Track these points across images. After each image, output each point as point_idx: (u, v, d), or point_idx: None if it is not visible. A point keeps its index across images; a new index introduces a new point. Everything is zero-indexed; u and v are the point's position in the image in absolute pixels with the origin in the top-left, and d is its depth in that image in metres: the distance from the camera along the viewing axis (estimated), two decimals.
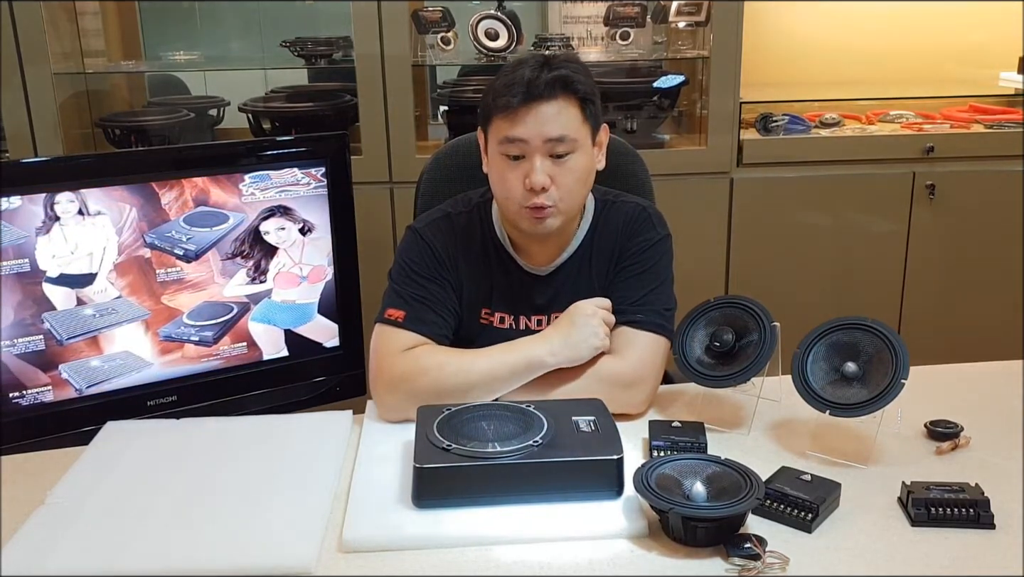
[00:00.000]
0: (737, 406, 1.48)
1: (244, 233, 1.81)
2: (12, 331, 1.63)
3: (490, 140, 1.45)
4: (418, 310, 1.48)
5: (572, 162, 1.42)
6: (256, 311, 1.85)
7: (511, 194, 1.43)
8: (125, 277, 1.71)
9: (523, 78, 1.38)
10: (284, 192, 1.84)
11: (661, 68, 2.82)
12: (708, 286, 2.64)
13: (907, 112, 2.95)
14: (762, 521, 1.15)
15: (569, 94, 1.40)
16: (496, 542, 1.13)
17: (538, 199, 1.41)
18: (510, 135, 1.40)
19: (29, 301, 1.63)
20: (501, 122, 1.40)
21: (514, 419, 1.28)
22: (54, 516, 1.19)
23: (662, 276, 1.52)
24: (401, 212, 2.54)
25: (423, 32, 2.61)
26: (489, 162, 1.47)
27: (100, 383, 1.71)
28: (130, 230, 1.71)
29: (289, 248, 1.86)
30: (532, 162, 1.40)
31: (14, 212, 1.61)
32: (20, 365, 1.64)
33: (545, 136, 1.39)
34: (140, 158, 2.08)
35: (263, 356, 1.87)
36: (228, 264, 1.80)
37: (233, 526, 1.16)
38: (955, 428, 1.37)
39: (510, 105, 1.38)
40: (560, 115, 1.39)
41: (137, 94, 3.01)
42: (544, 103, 1.38)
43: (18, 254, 1.62)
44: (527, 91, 1.37)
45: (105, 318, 1.70)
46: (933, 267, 2.75)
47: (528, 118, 1.38)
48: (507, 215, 1.49)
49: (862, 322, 1.34)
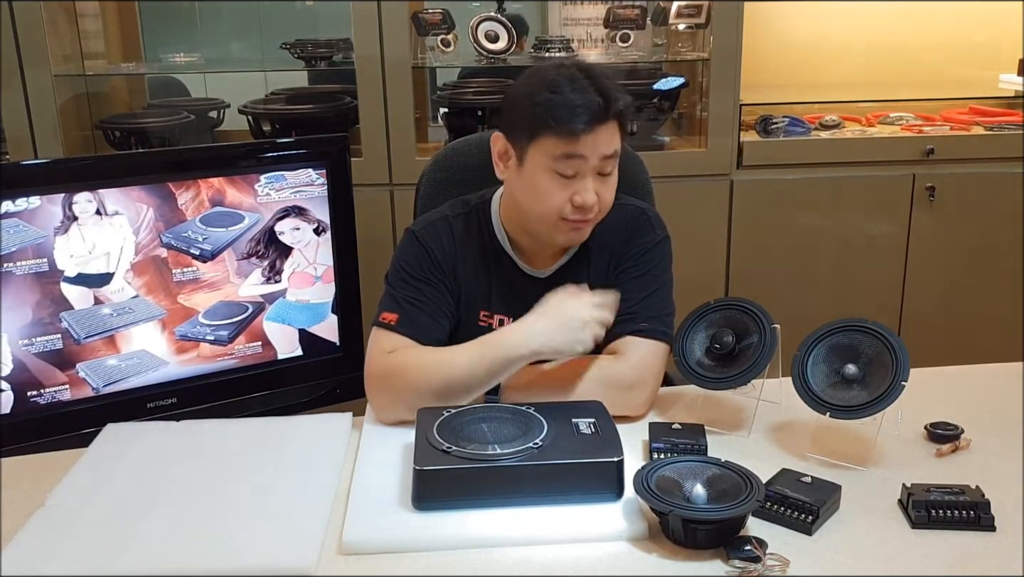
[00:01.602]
0: (737, 408, 1.48)
1: (259, 233, 1.82)
2: (30, 330, 1.64)
3: (534, 153, 1.42)
4: (411, 313, 1.48)
5: (612, 177, 1.45)
6: (271, 311, 1.86)
7: (555, 209, 1.42)
8: (142, 277, 1.73)
9: (591, 104, 1.37)
10: (299, 192, 1.85)
11: (661, 70, 2.82)
12: (708, 288, 2.64)
13: (907, 114, 2.95)
14: (762, 523, 1.15)
15: (620, 118, 1.42)
16: (496, 544, 1.13)
17: (584, 215, 1.42)
18: (570, 152, 1.38)
19: (47, 300, 1.65)
20: (557, 140, 1.39)
21: (514, 421, 1.28)
22: (54, 518, 1.19)
23: (662, 279, 1.52)
24: (401, 214, 2.54)
25: (423, 34, 2.62)
26: (525, 173, 1.44)
27: (116, 382, 1.72)
28: (147, 230, 1.72)
29: (304, 248, 1.88)
30: (585, 181, 1.40)
31: (33, 212, 1.62)
32: (38, 364, 1.65)
33: (601, 154, 1.40)
34: (144, 159, 2.09)
35: (277, 355, 1.89)
36: (243, 264, 1.82)
37: (233, 528, 1.16)
38: (955, 430, 1.36)
39: (574, 132, 1.37)
40: (614, 135, 1.41)
41: (137, 96, 3.01)
42: (602, 126, 1.39)
43: (37, 254, 1.63)
44: (592, 119, 1.37)
45: (122, 317, 1.72)
46: (933, 269, 2.75)
47: (589, 138, 1.38)
48: (537, 226, 1.47)
49: (862, 324, 1.34)
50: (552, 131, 1.38)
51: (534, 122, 1.40)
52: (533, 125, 1.40)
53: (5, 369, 1.63)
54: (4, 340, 1.62)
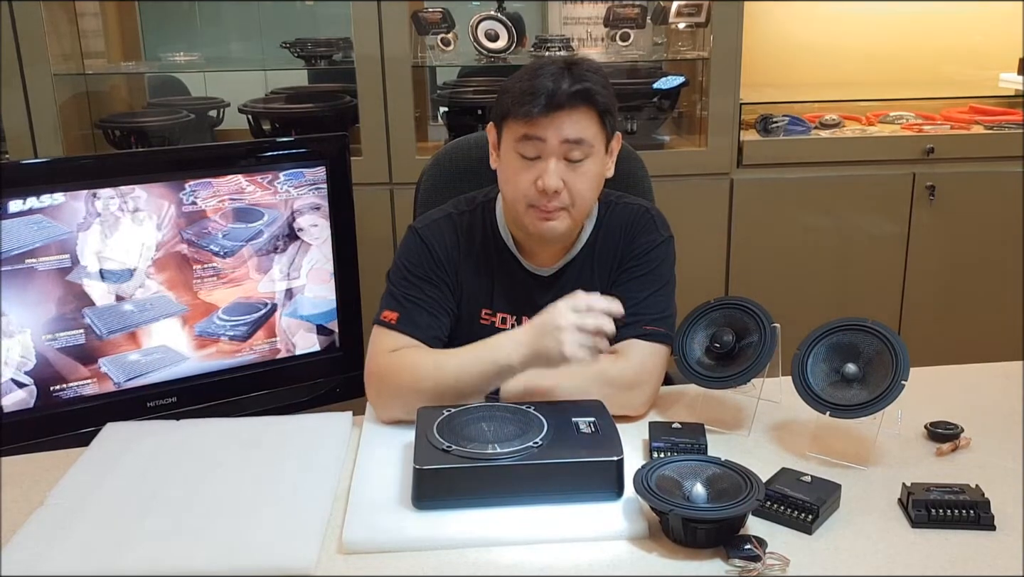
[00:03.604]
0: (737, 407, 1.48)
1: (279, 229, 1.83)
2: (53, 325, 1.65)
3: (504, 137, 1.45)
4: (411, 312, 1.48)
5: (585, 167, 1.42)
6: (289, 307, 1.87)
7: (520, 193, 1.43)
8: (163, 273, 1.75)
9: (545, 89, 1.37)
10: (318, 189, 1.86)
11: (661, 69, 2.82)
12: (708, 287, 2.64)
13: (907, 113, 2.95)
14: (762, 522, 1.15)
15: (589, 105, 1.40)
16: (496, 543, 1.13)
17: (548, 201, 1.41)
18: (528, 133, 1.40)
19: (70, 296, 1.65)
20: (517, 122, 1.41)
21: (514, 420, 1.28)
22: (54, 517, 1.19)
23: (664, 279, 1.52)
24: (401, 213, 2.54)
25: (423, 33, 2.61)
26: (501, 159, 1.47)
27: (138, 376, 1.73)
28: (168, 226, 1.73)
29: (322, 245, 1.88)
30: (547, 164, 1.40)
31: (57, 208, 1.63)
32: (61, 359, 1.66)
33: (563, 137, 1.39)
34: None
35: (296, 351, 1.91)
36: (263, 260, 1.83)
37: (233, 527, 1.16)
38: (955, 429, 1.36)
39: (530, 114, 1.38)
40: (579, 121, 1.40)
41: (137, 95, 3.01)
42: (564, 112, 1.38)
43: (60, 250, 1.64)
44: (547, 103, 1.37)
45: (144, 314, 1.73)
46: (933, 268, 2.75)
47: (546, 120, 1.38)
48: (514, 214, 1.49)
49: (862, 323, 1.34)
50: (512, 114, 1.41)
51: (503, 106, 1.43)
52: (503, 109, 1.44)
53: (28, 364, 1.65)
54: (27, 335, 1.63)
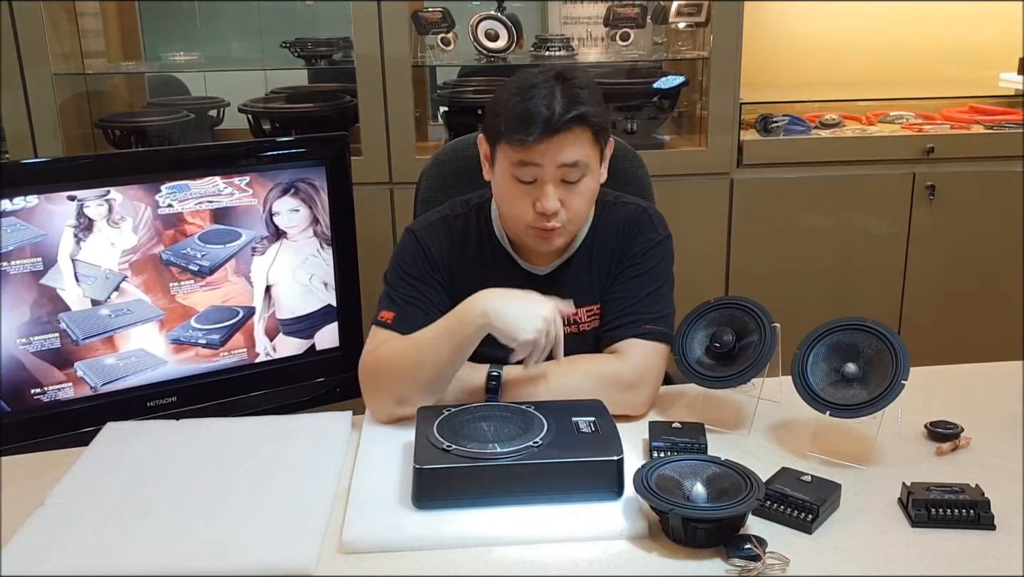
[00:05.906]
0: (737, 407, 1.48)
1: (257, 232, 1.82)
2: (28, 329, 1.64)
3: (499, 158, 1.43)
4: (407, 312, 1.48)
5: (582, 186, 1.42)
6: (267, 309, 1.86)
7: (519, 214, 1.43)
8: (140, 276, 1.72)
9: (540, 116, 1.35)
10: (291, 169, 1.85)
11: (661, 69, 2.82)
12: (708, 287, 2.64)
13: (907, 113, 2.95)
14: (762, 522, 1.15)
15: (584, 127, 1.39)
16: (496, 543, 1.13)
17: (547, 222, 1.41)
18: (524, 160, 1.38)
19: (44, 300, 1.64)
20: (511, 147, 1.39)
21: (514, 420, 1.28)
22: (54, 517, 1.19)
23: (663, 278, 1.52)
24: (401, 213, 2.54)
25: (423, 33, 2.61)
26: (496, 177, 1.46)
27: (115, 381, 1.72)
28: (145, 228, 1.71)
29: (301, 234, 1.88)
30: (544, 189, 1.40)
31: (31, 211, 1.61)
32: (36, 363, 1.65)
33: (559, 162, 1.38)
34: (141, 158, 2.09)
35: (275, 355, 1.90)
36: (243, 265, 1.81)
37: (233, 527, 1.16)
38: (955, 429, 1.36)
39: (524, 142, 1.36)
40: (575, 145, 1.39)
41: (137, 95, 3.01)
42: (559, 136, 1.37)
43: (34, 253, 1.62)
44: (543, 131, 1.36)
45: (121, 318, 1.71)
46: (933, 268, 2.75)
47: (542, 147, 1.37)
48: (513, 230, 1.49)
49: (862, 323, 1.34)
50: (506, 139, 1.39)
51: (495, 128, 1.42)
52: (495, 131, 1.42)
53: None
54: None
